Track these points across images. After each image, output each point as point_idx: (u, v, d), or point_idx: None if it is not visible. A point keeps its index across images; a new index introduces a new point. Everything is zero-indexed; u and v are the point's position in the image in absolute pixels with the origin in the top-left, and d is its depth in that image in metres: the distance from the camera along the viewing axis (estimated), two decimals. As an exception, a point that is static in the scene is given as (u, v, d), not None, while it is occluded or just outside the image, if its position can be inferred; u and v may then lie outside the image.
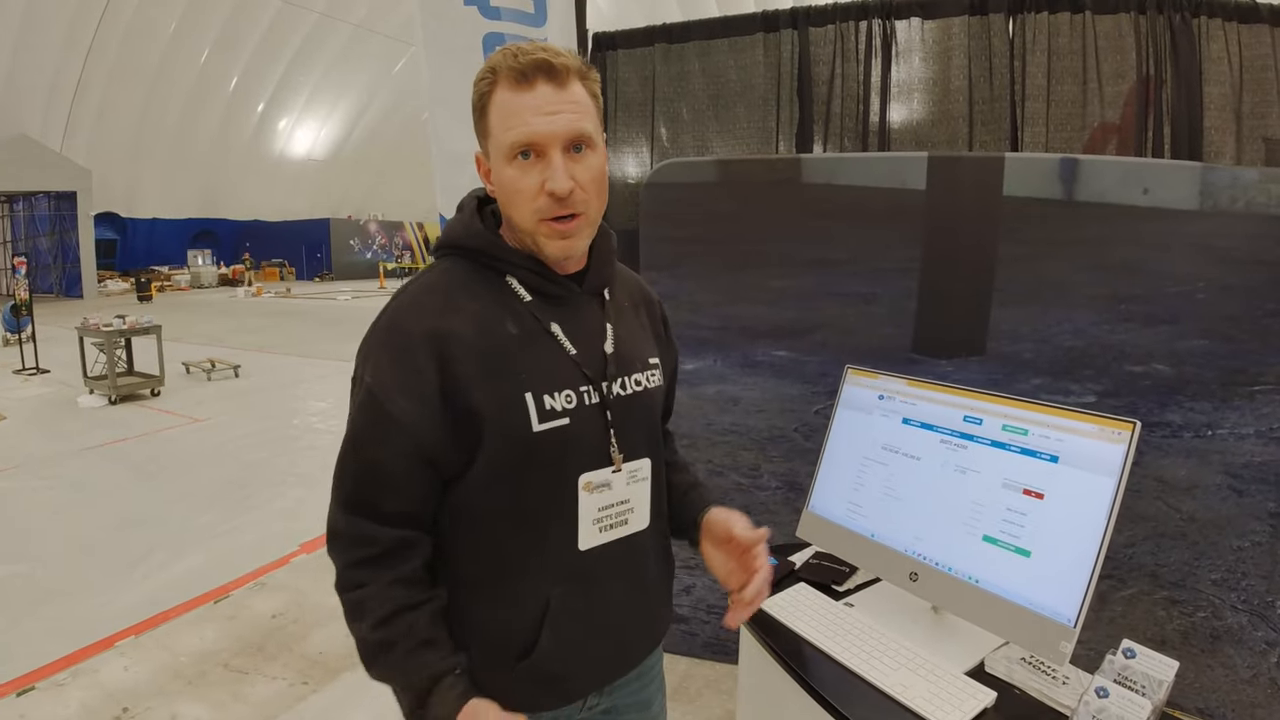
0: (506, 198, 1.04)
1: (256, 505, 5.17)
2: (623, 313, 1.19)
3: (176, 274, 28.10)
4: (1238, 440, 2.36)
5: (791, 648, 1.49)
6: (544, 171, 1.00)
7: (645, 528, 1.17)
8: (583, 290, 1.13)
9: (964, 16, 2.84)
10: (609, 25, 3.32)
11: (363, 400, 1.05)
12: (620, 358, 1.13)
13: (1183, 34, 2.73)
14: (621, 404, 1.12)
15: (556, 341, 1.08)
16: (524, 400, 1.03)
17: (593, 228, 1.09)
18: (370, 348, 1.07)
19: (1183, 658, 2.30)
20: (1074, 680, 1.34)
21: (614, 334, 1.14)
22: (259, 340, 13.69)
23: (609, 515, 1.11)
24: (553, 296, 1.10)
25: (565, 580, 1.09)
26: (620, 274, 1.25)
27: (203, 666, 3.14)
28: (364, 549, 1.03)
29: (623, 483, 1.12)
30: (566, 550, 1.08)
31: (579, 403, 1.07)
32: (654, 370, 1.19)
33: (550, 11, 2.74)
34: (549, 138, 0.99)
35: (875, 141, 2.97)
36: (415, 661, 1.00)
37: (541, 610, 1.07)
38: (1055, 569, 1.31)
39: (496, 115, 1.01)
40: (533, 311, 1.08)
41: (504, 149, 1.01)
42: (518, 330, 1.06)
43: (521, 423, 1.03)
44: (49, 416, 7.96)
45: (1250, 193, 2.33)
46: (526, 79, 0.99)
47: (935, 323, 2.56)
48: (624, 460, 1.12)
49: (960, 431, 1.51)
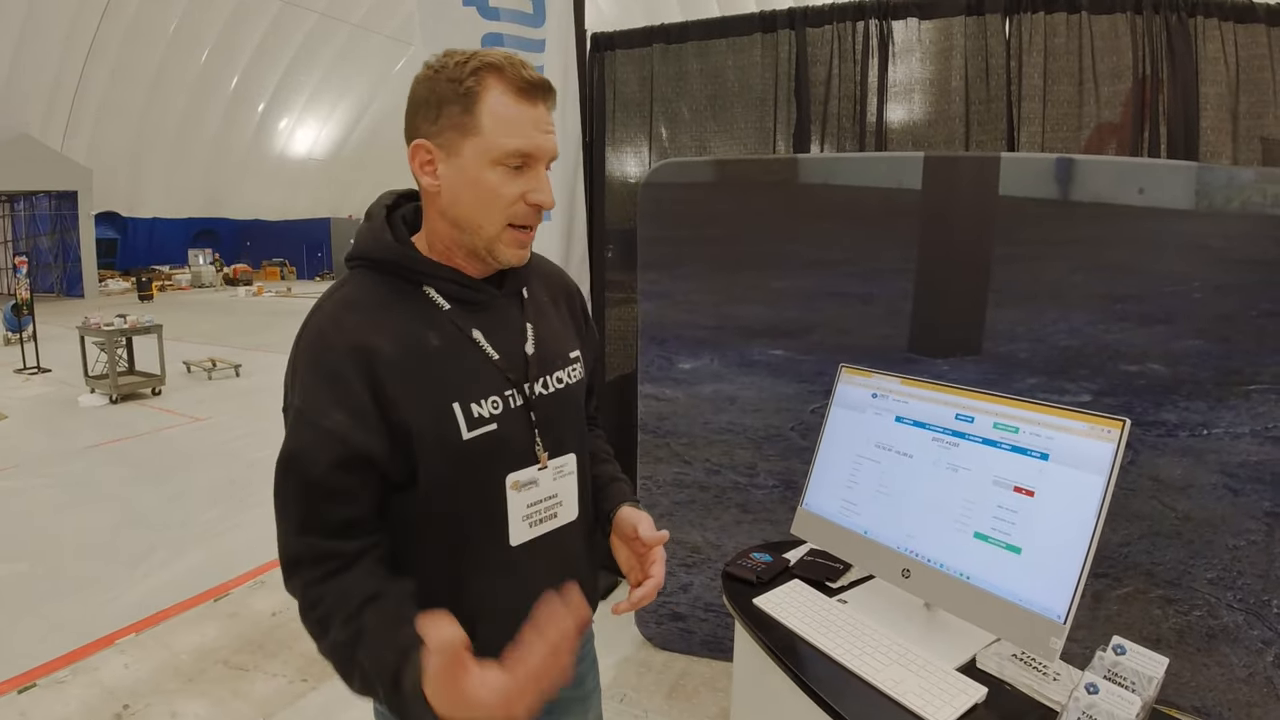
0: (477, 199, 1.03)
1: (257, 504, 5.17)
2: (542, 309, 1.21)
3: (177, 273, 28.12)
4: (1233, 439, 2.36)
5: (786, 644, 1.50)
6: (530, 182, 1.03)
7: (574, 519, 1.21)
8: (502, 293, 1.15)
9: (961, 17, 2.86)
10: (608, 25, 3.33)
11: (294, 422, 1.04)
12: (541, 358, 1.15)
13: (1179, 34, 2.74)
14: (545, 403, 1.14)
15: (479, 348, 1.09)
16: (452, 410, 1.04)
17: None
18: (296, 370, 1.05)
19: (1178, 656, 2.33)
20: (1065, 676, 1.35)
21: (534, 334, 1.16)
22: (260, 339, 13.70)
23: (538, 511, 1.15)
24: (472, 303, 1.10)
25: (498, 575, 1.12)
26: (539, 266, 1.26)
27: (203, 664, 3.15)
28: (324, 565, 1.00)
29: (549, 479, 1.15)
30: (498, 547, 1.11)
31: (505, 407, 1.09)
32: (575, 365, 1.22)
33: (549, 12, 2.76)
34: (544, 153, 1.04)
35: (872, 141, 2.99)
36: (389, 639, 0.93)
37: (476, 606, 1.07)
38: (1046, 566, 1.32)
39: (494, 117, 1.00)
40: (453, 320, 1.08)
41: (496, 153, 1.00)
42: (440, 341, 1.06)
43: (451, 433, 1.04)
44: (50, 415, 7.98)
45: (1246, 192, 2.34)
46: (532, 93, 1.02)
47: (931, 322, 2.57)
48: (549, 457, 1.15)
49: (952, 429, 1.52)
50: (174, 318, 14.38)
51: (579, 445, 1.22)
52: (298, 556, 1.02)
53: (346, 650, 0.97)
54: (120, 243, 29.04)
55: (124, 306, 15.69)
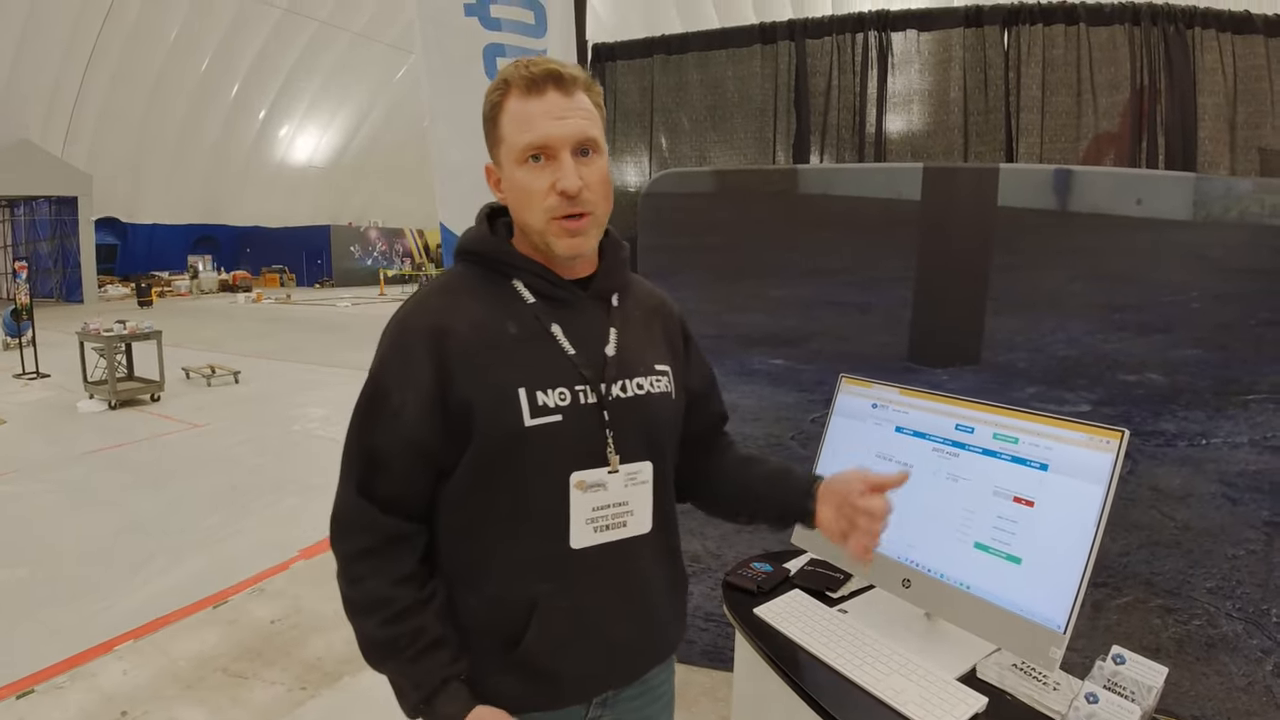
0: (518, 200, 1.09)
1: (255, 511, 5.17)
2: (631, 320, 1.21)
3: (177, 279, 28.14)
4: (1232, 449, 2.37)
5: (786, 654, 1.50)
6: (555, 172, 1.05)
7: (647, 532, 1.17)
8: (588, 295, 1.16)
9: (960, 28, 2.87)
10: (609, 36, 3.35)
11: (366, 389, 1.12)
12: (622, 361, 1.15)
13: (1177, 45, 2.75)
14: (621, 406, 1.13)
15: (556, 342, 1.11)
16: (516, 395, 1.06)
17: (600, 228, 1.12)
18: (381, 342, 1.13)
19: (1178, 666, 2.33)
20: (1064, 686, 1.35)
21: (618, 338, 1.16)
22: (259, 346, 13.70)
23: (604, 516, 1.12)
24: (556, 299, 1.13)
25: (555, 576, 1.10)
26: (637, 285, 1.28)
27: (201, 671, 3.14)
28: (365, 538, 1.09)
29: (620, 484, 1.13)
30: (557, 547, 1.10)
31: (573, 401, 1.09)
32: (661, 376, 1.20)
33: (550, 23, 2.77)
34: (559, 140, 1.04)
35: (871, 152, 3.00)
36: (425, 663, 1.05)
37: (530, 604, 1.09)
38: (1045, 576, 1.33)
39: (509, 122, 1.07)
40: (535, 313, 1.12)
41: (516, 152, 1.06)
42: (517, 330, 1.10)
43: (513, 417, 1.06)
44: (49, 421, 7.98)
45: (1244, 203, 2.35)
46: (538, 87, 1.05)
47: (931, 332, 2.58)
48: (621, 461, 1.12)
49: (952, 440, 1.53)
50: (173, 324, 14.38)
51: (658, 456, 1.18)
52: (344, 515, 1.11)
53: (382, 646, 1.07)
54: (120, 249, 29.07)
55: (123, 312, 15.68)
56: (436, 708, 1.04)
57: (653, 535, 1.18)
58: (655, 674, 1.27)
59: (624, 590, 1.16)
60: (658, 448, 1.19)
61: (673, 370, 1.24)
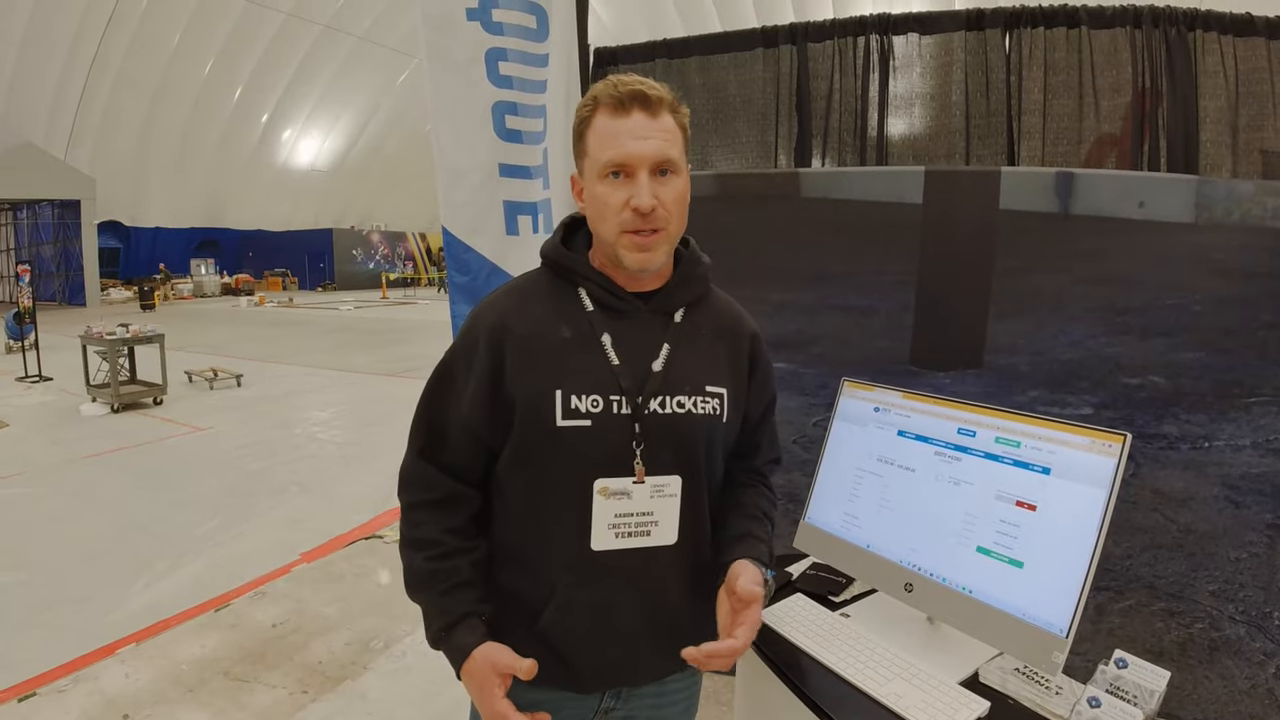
0: (595, 212, 1.14)
1: (258, 514, 5.18)
2: (692, 338, 1.23)
3: (179, 282, 28.19)
4: (1234, 452, 2.37)
5: (788, 658, 1.50)
6: (631, 189, 1.10)
7: (671, 544, 1.20)
8: (649, 308, 1.20)
9: (961, 32, 2.87)
10: (611, 40, 3.35)
11: (439, 366, 1.23)
12: (669, 377, 1.18)
13: (1178, 48, 2.75)
14: (656, 420, 1.16)
15: (603, 350, 1.16)
16: (553, 395, 1.12)
17: (671, 244, 1.17)
18: (460, 331, 1.24)
19: (1181, 669, 2.32)
20: (1067, 691, 1.35)
21: (669, 354, 1.19)
22: (261, 350, 13.73)
23: (627, 523, 1.16)
24: (614, 310, 1.19)
25: (575, 572, 1.17)
26: (714, 302, 1.31)
27: (203, 674, 3.15)
28: (425, 492, 1.20)
29: (645, 495, 1.16)
30: (578, 546, 1.16)
31: (605, 409, 1.14)
32: (710, 398, 1.21)
33: (552, 27, 2.77)
34: (639, 159, 1.09)
35: (873, 156, 3.00)
36: (456, 596, 1.16)
37: (548, 592, 1.17)
38: (1048, 580, 1.32)
39: (594, 138, 1.12)
40: (591, 320, 1.18)
41: (598, 167, 1.12)
42: (570, 334, 1.17)
43: (548, 415, 1.12)
44: (51, 424, 7.99)
45: (1246, 205, 2.35)
46: (624, 106, 1.10)
47: (933, 335, 2.58)
48: (648, 473, 1.16)
49: (954, 444, 1.53)
50: (176, 327, 14.41)
51: (688, 472, 1.20)
52: (409, 474, 1.23)
53: (423, 578, 1.18)
54: (123, 252, 29.13)
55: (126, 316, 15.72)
56: (454, 637, 1.14)
57: (678, 547, 1.21)
58: (674, 679, 1.32)
59: (643, 595, 1.20)
60: (691, 465, 1.21)
61: (729, 393, 1.25)
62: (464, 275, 2.74)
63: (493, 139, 2.70)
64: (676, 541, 1.20)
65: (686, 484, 1.20)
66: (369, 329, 17.64)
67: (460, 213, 2.73)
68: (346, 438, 7.19)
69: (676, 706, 1.35)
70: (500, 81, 2.68)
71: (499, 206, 2.74)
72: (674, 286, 1.23)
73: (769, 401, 1.38)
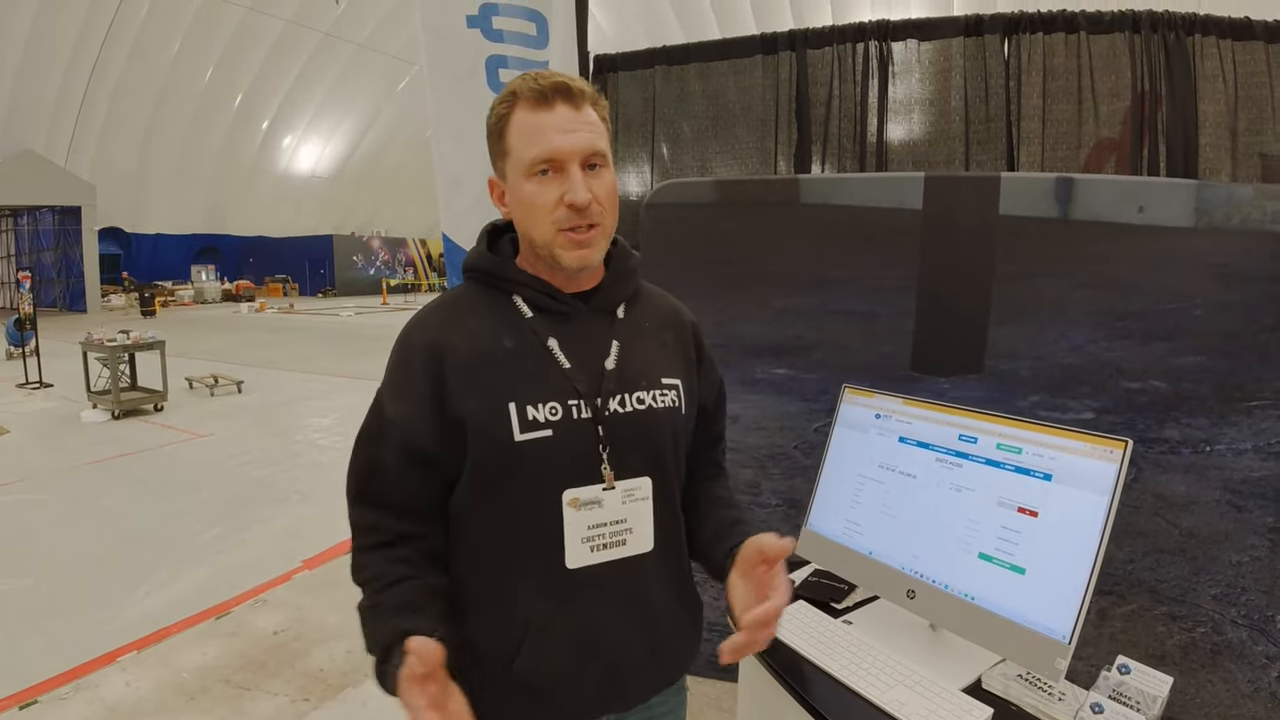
0: (525, 213, 1.08)
1: (259, 521, 5.17)
2: (638, 332, 1.19)
3: (180, 289, 28.22)
4: (1236, 456, 2.37)
5: (790, 665, 1.50)
6: (563, 185, 1.04)
7: (649, 551, 1.14)
8: (590, 308, 1.15)
9: (960, 38, 2.88)
10: (610, 47, 3.37)
11: (372, 403, 1.14)
12: (623, 375, 1.12)
13: (1177, 52, 2.76)
14: (618, 420, 1.10)
15: (551, 355, 1.10)
16: (507, 409, 1.05)
17: (607, 239, 1.12)
18: (389, 357, 1.15)
19: (1183, 673, 2.32)
20: (1070, 696, 1.35)
21: (620, 351, 1.13)
22: (262, 356, 13.72)
23: (601, 534, 1.09)
24: (555, 313, 1.13)
25: (551, 597, 1.08)
26: (648, 295, 1.26)
27: (204, 682, 3.14)
28: (370, 536, 1.10)
29: (616, 501, 1.10)
30: (552, 567, 1.08)
31: (564, 415, 1.07)
32: (667, 390, 1.17)
33: (552, 34, 2.78)
34: (569, 153, 1.04)
35: (873, 161, 3.01)
36: (398, 619, 1.01)
37: (525, 624, 1.08)
38: (1050, 586, 1.32)
39: (516, 134, 1.06)
40: (532, 327, 1.11)
41: (524, 165, 1.06)
42: (513, 344, 1.10)
43: (504, 432, 1.05)
44: (52, 431, 7.99)
45: (1245, 209, 2.35)
46: (547, 100, 1.05)
47: (933, 341, 2.58)
48: (617, 478, 1.10)
49: (955, 450, 1.53)
50: (177, 334, 14.41)
51: (658, 471, 1.15)
52: (352, 520, 1.13)
53: (366, 615, 1.06)
54: (123, 258, 29.17)
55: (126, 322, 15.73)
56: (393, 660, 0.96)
57: (656, 553, 1.15)
58: (660, 698, 1.25)
59: (626, 611, 1.13)
60: (659, 463, 1.15)
61: (684, 383, 1.20)
62: (464, 282, 2.74)
63: (493, 146, 2.70)
64: (654, 547, 1.14)
65: (657, 485, 1.14)
66: (370, 335, 17.63)
67: (461, 219, 2.74)
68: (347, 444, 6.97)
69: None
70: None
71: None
72: (611, 283, 1.18)
73: (720, 387, 1.35)
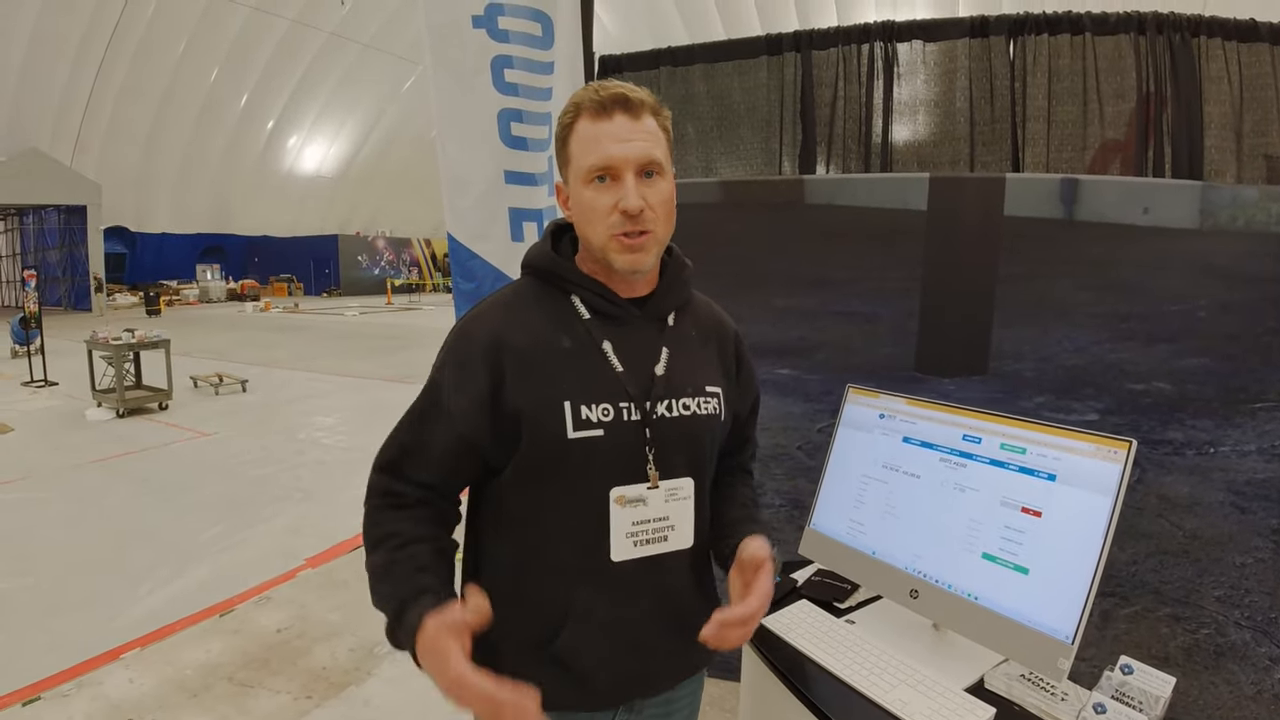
0: (582, 217, 1.13)
1: (262, 520, 5.19)
2: (685, 340, 1.24)
3: (185, 288, 28.29)
4: (1240, 457, 2.36)
5: (793, 665, 1.50)
6: (618, 192, 1.09)
7: (688, 547, 1.20)
8: (643, 313, 1.20)
9: (965, 39, 2.88)
10: (616, 48, 3.37)
11: (427, 387, 1.18)
12: (671, 381, 1.18)
13: (1182, 54, 2.75)
14: (664, 424, 1.16)
15: (605, 358, 1.15)
16: (561, 407, 1.10)
17: (660, 246, 1.16)
18: (444, 347, 1.19)
19: (1187, 675, 2.32)
20: (1073, 697, 1.35)
21: (668, 358, 1.19)
22: (266, 355, 13.75)
23: (644, 530, 1.16)
24: (611, 317, 1.18)
25: (593, 586, 1.14)
26: (697, 305, 1.31)
27: (207, 680, 3.15)
28: (389, 498, 1.15)
29: (660, 499, 1.16)
30: (596, 558, 1.14)
31: (616, 417, 1.13)
32: (710, 398, 1.22)
33: (558, 35, 2.78)
34: (624, 162, 1.08)
35: (878, 162, 3.00)
36: (412, 580, 1.07)
37: (565, 608, 1.14)
38: (1053, 586, 1.32)
39: (577, 144, 1.12)
40: (589, 329, 1.16)
41: (583, 172, 1.11)
42: (570, 344, 1.15)
43: (557, 428, 1.10)
44: (57, 429, 8.01)
45: (1250, 211, 2.35)
46: (606, 110, 1.09)
47: (937, 342, 2.58)
48: (661, 478, 1.15)
49: (959, 450, 1.53)
50: (181, 333, 14.44)
51: (699, 474, 1.21)
52: (374, 487, 1.17)
53: (377, 573, 1.11)
54: (128, 257, 29.25)
55: (131, 321, 15.77)
56: (406, 618, 1.02)
57: (693, 550, 1.21)
58: (682, 684, 1.31)
59: (661, 603, 1.19)
60: (699, 465, 1.22)
61: (724, 392, 1.26)
62: (469, 282, 2.74)
63: (498, 146, 2.70)
64: (693, 544, 1.21)
65: (697, 484, 1.20)
66: (374, 335, 17.67)
67: (466, 219, 2.74)
68: (351, 443, 7.18)
69: (682, 713, 1.35)
70: (506, 89, 2.69)
71: (504, 213, 2.75)
72: (664, 292, 1.23)
73: (755, 397, 1.40)
